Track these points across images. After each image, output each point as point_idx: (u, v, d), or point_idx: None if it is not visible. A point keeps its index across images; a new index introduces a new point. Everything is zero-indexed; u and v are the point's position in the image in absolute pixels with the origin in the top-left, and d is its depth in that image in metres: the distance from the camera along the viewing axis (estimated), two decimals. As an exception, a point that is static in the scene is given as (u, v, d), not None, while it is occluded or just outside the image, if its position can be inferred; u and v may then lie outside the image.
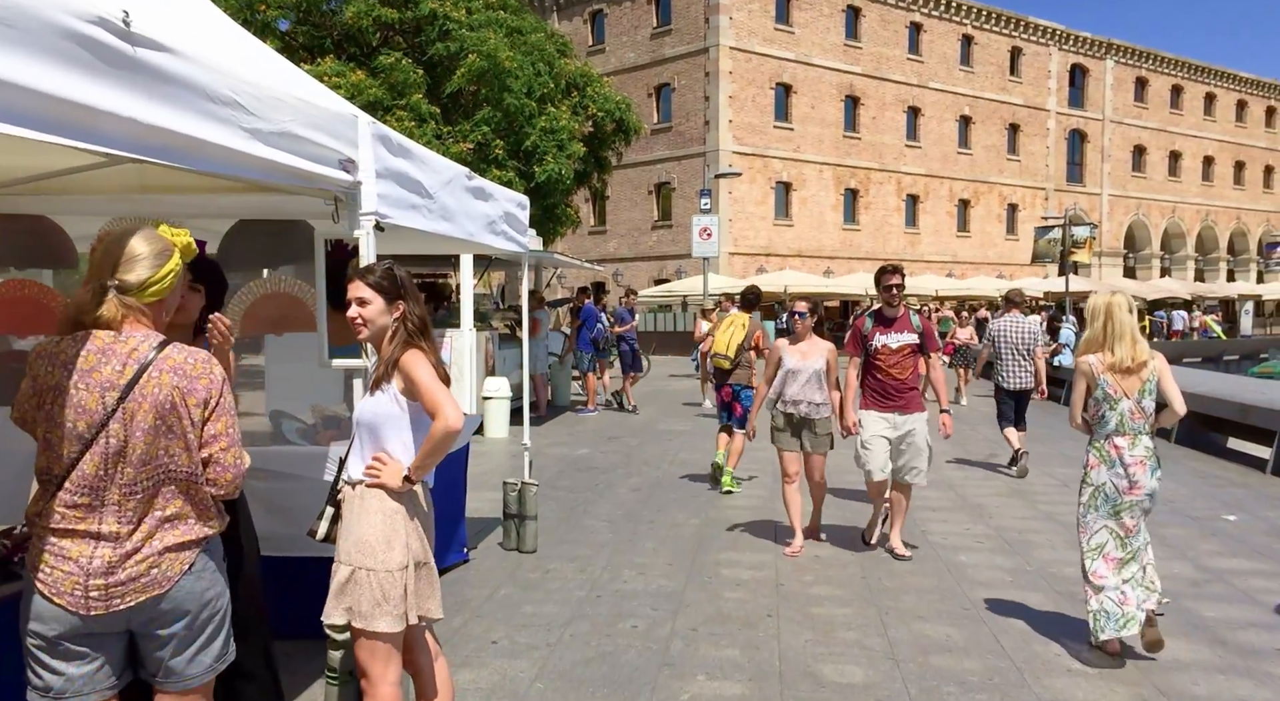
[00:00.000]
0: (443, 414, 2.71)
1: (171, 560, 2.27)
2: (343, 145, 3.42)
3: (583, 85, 19.07)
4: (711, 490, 8.28)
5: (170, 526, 2.28)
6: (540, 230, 18.49)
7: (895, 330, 5.92)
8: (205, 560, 2.35)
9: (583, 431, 12.28)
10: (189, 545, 2.31)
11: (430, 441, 2.75)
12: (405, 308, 2.85)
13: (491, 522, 6.76)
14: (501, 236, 5.63)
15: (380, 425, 2.86)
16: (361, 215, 3.62)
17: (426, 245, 5.89)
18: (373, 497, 2.84)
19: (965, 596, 5.25)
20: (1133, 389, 4.22)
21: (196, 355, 2.34)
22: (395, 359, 2.83)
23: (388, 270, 2.88)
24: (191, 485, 2.30)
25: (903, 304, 6.04)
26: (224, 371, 2.40)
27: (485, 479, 8.68)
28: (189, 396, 2.28)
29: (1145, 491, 4.26)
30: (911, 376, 5.92)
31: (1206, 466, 9.76)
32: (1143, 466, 4.24)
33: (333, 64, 16.57)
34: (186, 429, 2.28)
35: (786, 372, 6.12)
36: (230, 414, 2.37)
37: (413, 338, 2.84)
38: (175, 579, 2.27)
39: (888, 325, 5.95)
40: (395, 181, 3.85)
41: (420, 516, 2.91)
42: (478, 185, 5.12)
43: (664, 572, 5.73)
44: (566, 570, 5.77)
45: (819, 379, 6.07)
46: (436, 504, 3.13)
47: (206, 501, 2.35)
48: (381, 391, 2.85)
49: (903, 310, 6.02)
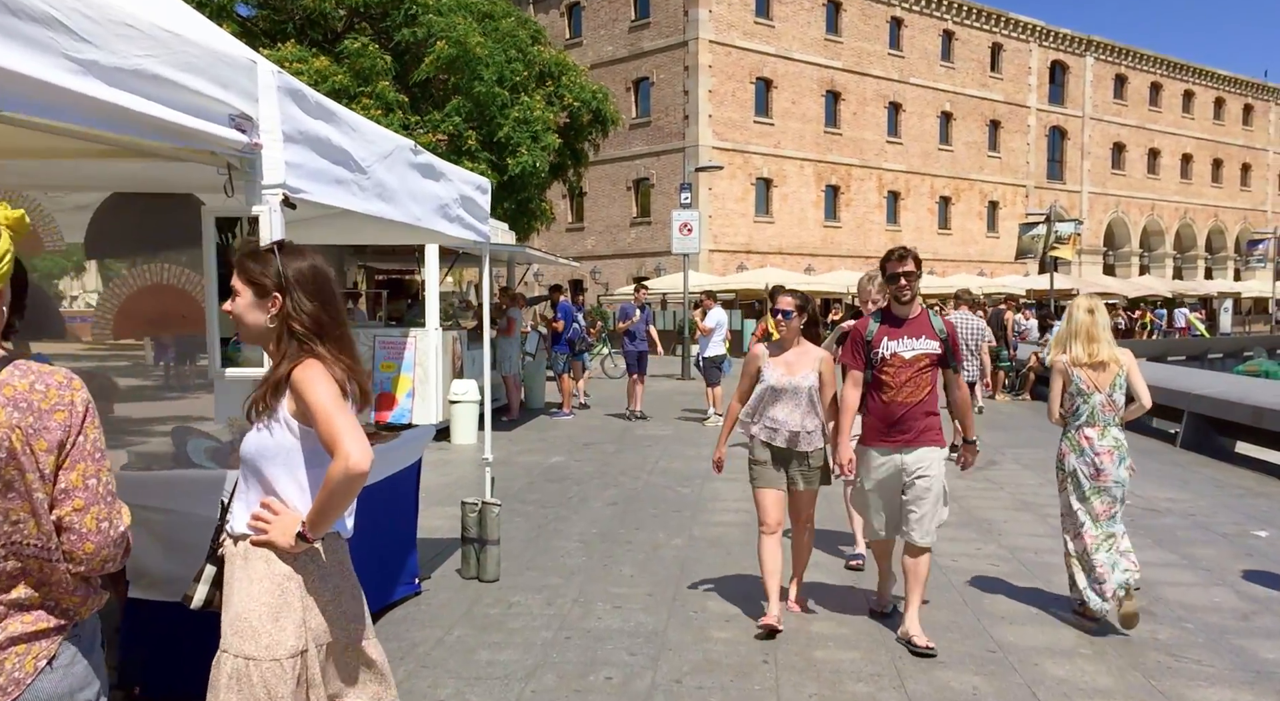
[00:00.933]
0: (341, 450, 1.99)
1: (21, 656, 1.61)
2: (235, 97, 2.70)
3: (557, 74, 18.32)
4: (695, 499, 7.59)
5: (17, 614, 1.62)
6: (514, 225, 17.74)
7: (908, 334, 4.41)
8: (70, 652, 1.68)
9: (557, 437, 11.57)
10: (45, 634, 1.64)
11: (327, 487, 2.03)
12: (285, 303, 2.13)
13: (453, 544, 6.03)
14: (457, 223, 4.91)
15: (266, 461, 2.15)
16: (264, 188, 2.90)
17: (365, 234, 5.17)
18: (259, 559, 2.13)
19: (988, 634, 4.59)
20: (1104, 384, 4.61)
21: (49, 378, 1.63)
22: (284, 373, 2.11)
23: (261, 252, 2.16)
24: (44, 562, 1.63)
25: (918, 300, 4.47)
26: (88, 397, 1.69)
27: (448, 492, 7.96)
28: (36, 439, 1.59)
29: (1113, 479, 4.61)
30: (929, 399, 4.40)
31: (1220, 473, 9.18)
32: (1111, 456, 4.60)
33: (294, 49, 15.73)
34: (32, 485, 1.59)
35: (766, 390, 4.55)
36: (93, 458, 1.67)
37: (306, 343, 2.12)
38: (27, 680, 1.60)
39: (897, 327, 4.43)
40: (312, 148, 3.13)
41: (329, 582, 2.19)
42: (426, 162, 4.40)
43: (643, 605, 5.04)
44: (532, 603, 5.06)
45: (810, 399, 4.52)
46: (382, 527, 2.44)
47: (65, 580, 1.67)
48: (267, 416, 2.14)
49: (919, 309, 4.47)
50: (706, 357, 12.83)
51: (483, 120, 16.65)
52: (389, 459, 4.75)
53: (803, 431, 4.52)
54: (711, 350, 12.80)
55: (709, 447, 10.69)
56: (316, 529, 2.09)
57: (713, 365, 12.78)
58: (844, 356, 4.61)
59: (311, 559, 2.16)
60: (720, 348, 12.85)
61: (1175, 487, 8.33)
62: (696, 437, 11.44)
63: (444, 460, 9.72)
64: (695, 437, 11.45)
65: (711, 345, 12.82)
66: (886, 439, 4.43)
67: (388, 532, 4.82)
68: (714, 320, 12.90)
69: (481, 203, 5.36)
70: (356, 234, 5.75)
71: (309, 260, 2.20)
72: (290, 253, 2.18)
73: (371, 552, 4.65)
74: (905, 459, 4.40)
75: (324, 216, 5.35)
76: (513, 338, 13.10)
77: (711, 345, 12.82)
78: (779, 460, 4.61)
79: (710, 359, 12.79)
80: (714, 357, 12.78)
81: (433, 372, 11.07)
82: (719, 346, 12.84)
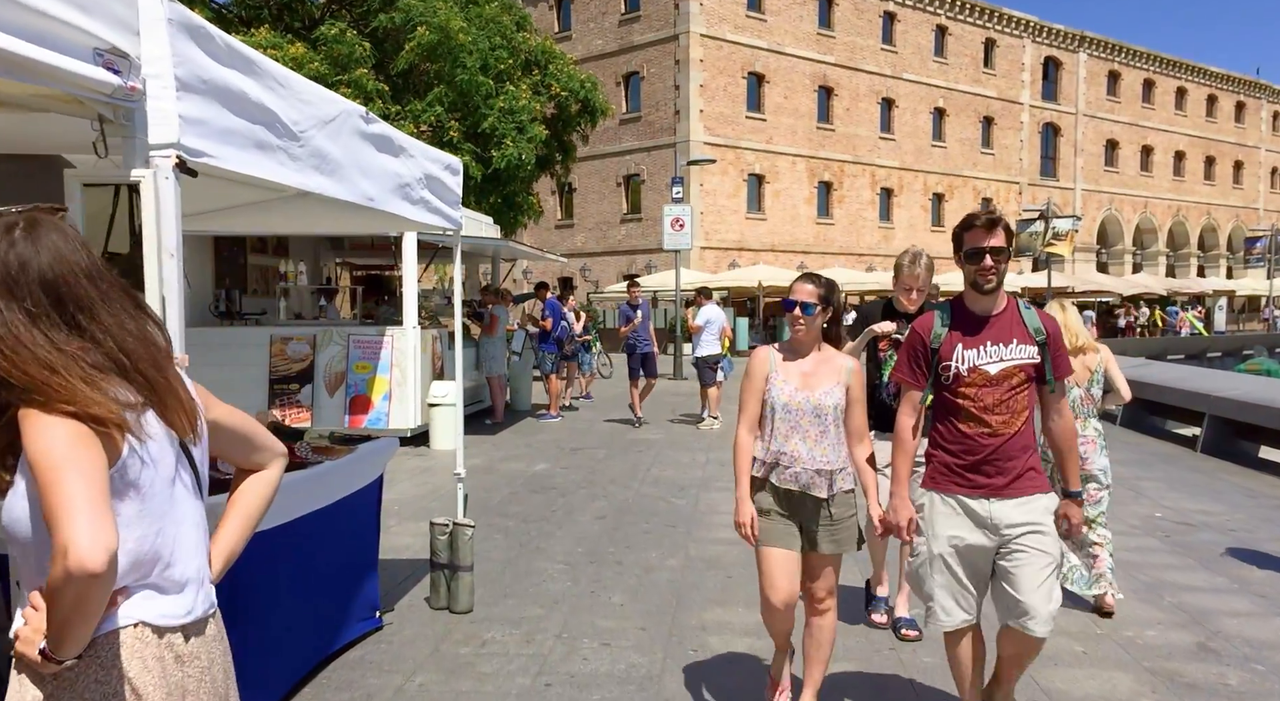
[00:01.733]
0: (60, 538, 1.29)
1: None
2: (102, 26, 2.07)
3: (544, 62, 17.65)
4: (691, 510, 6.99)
5: None
6: (500, 220, 17.09)
7: (993, 338, 3.07)
8: None
9: (542, 441, 10.94)
10: None
11: (49, 593, 1.33)
12: None
13: (422, 566, 5.40)
14: (421, 206, 4.28)
15: (22, 537, 1.45)
16: (152, 150, 2.27)
17: (319, 222, 4.55)
18: (17, 680, 1.45)
19: (1031, 680, 3.99)
20: (1083, 378, 4.85)
21: None
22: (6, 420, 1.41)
23: None
24: None
25: (1003, 290, 3.16)
26: None
27: (422, 505, 7.33)
28: None
29: (1096, 467, 4.80)
30: (1026, 429, 3.06)
31: (1250, 482, 8.61)
32: (1092, 445, 4.81)
33: (269, 35, 15.05)
34: None
35: (775, 410, 3.33)
36: None
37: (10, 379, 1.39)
38: None
39: (978, 327, 3.09)
40: (221, 102, 2.50)
41: None
42: (381, 133, 3.77)
43: (635, 642, 4.42)
44: (509, 641, 4.44)
45: (836, 424, 3.32)
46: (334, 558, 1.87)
47: None
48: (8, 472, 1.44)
49: (1004, 300, 3.14)
50: (700, 357, 12.22)
51: (466, 110, 16.00)
52: (343, 478, 4.13)
53: (826, 469, 3.27)
54: (704, 349, 12.18)
55: (704, 453, 10.14)
56: (61, 647, 1.37)
57: (706, 365, 12.17)
58: (899, 371, 3.25)
59: (69, 686, 1.43)
60: (714, 346, 12.22)
61: (1206, 498, 7.77)
62: (690, 442, 10.84)
63: (421, 467, 9.10)
64: (689, 442, 10.85)
65: (703, 344, 12.20)
66: (964, 485, 3.08)
67: (342, 564, 4.19)
68: (704, 317, 12.27)
69: (452, 184, 4.74)
70: (303, 221, 5.11)
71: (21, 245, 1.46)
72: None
73: (323, 587, 4.02)
74: (999, 511, 3.04)
75: (276, 199, 4.73)
76: (496, 336, 12.47)
77: (703, 344, 12.20)
78: (791, 509, 3.33)
79: (704, 358, 12.17)
80: (708, 357, 12.17)
81: (411, 374, 10.45)
82: (713, 345, 12.21)
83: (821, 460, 3.28)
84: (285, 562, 3.66)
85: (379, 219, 4.31)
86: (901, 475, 3.17)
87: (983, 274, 3.04)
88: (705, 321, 12.22)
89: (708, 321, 12.23)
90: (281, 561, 3.63)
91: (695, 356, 12.30)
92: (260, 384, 10.48)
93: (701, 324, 12.20)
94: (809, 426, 3.28)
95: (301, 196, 3.92)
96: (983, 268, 3.03)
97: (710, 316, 12.30)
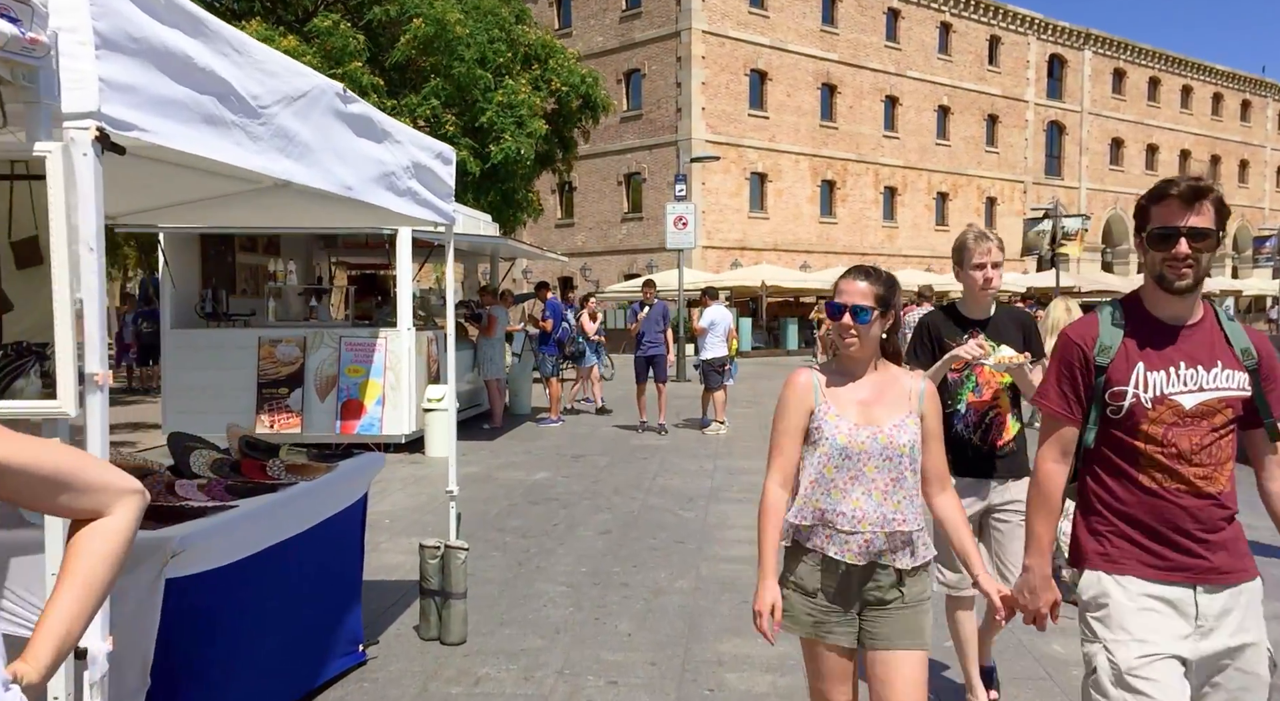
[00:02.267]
0: None
1: None
2: (-8, -40, 1.66)
3: (544, 57, 17.22)
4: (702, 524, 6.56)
5: None
6: (499, 218, 16.67)
7: (1188, 358, 2.15)
8: None
9: (543, 447, 10.52)
10: None
11: None
12: None
13: (413, 589, 4.95)
14: (408, 197, 3.86)
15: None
16: (67, 120, 1.86)
17: (300, 216, 4.13)
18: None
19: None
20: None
21: None
22: None
23: None
24: None
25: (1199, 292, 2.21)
26: None
27: (415, 518, 6.92)
28: None
29: None
30: (1231, 489, 2.20)
31: None
32: None
33: (260, 28, 14.62)
34: None
35: (826, 456, 2.42)
36: None
37: None
38: None
39: (1167, 341, 2.18)
40: (157, 66, 2.08)
41: None
42: (362, 114, 3.36)
43: (645, 679, 4.01)
44: (505, 677, 4.02)
45: (910, 467, 2.43)
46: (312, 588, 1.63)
47: None
48: None
49: (1201, 307, 2.21)
50: (704, 360, 11.79)
51: (464, 104, 15.58)
52: (319, 500, 3.71)
53: (904, 530, 2.38)
54: (709, 352, 11.74)
55: (710, 460, 9.71)
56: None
57: (712, 368, 11.73)
58: (1045, 398, 2.30)
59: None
60: (720, 349, 11.78)
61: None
62: (696, 449, 10.43)
63: (416, 477, 8.68)
64: (695, 448, 10.44)
65: (709, 346, 11.77)
66: (1161, 567, 2.16)
67: (320, 595, 3.78)
68: (708, 318, 11.85)
69: (444, 175, 4.32)
70: (281, 215, 4.68)
71: None
72: None
73: (298, 622, 3.60)
74: (1207, 604, 2.14)
75: (251, 191, 4.31)
76: (495, 338, 12.05)
77: (709, 346, 11.77)
78: (847, 589, 2.42)
79: (709, 361, 11.74)
80: (713, 360, 11.73)
81: (405, 377, 10.05)
82: (718, 347, 11.77)
83: (897, 519, 2.37)
84: (253, 598, 3.24)
85: (361, 212, 3.90)
86: (1044, 543, 2.29)
87: (1173, 266, 2.11)
88: (710, 323, 11.79)
89: (713, 323, 11.80)
90: (249, 597, 3.21)
91: (700, 359, 11.88)
92: (248, 388, 10.07)
93: (706, 325, 11.78)
94: (875, 473, 2.38)
95: (280, 188, 3.52)
96: (1174, 255, 2.10)
97: (715, 318, 11.87)
